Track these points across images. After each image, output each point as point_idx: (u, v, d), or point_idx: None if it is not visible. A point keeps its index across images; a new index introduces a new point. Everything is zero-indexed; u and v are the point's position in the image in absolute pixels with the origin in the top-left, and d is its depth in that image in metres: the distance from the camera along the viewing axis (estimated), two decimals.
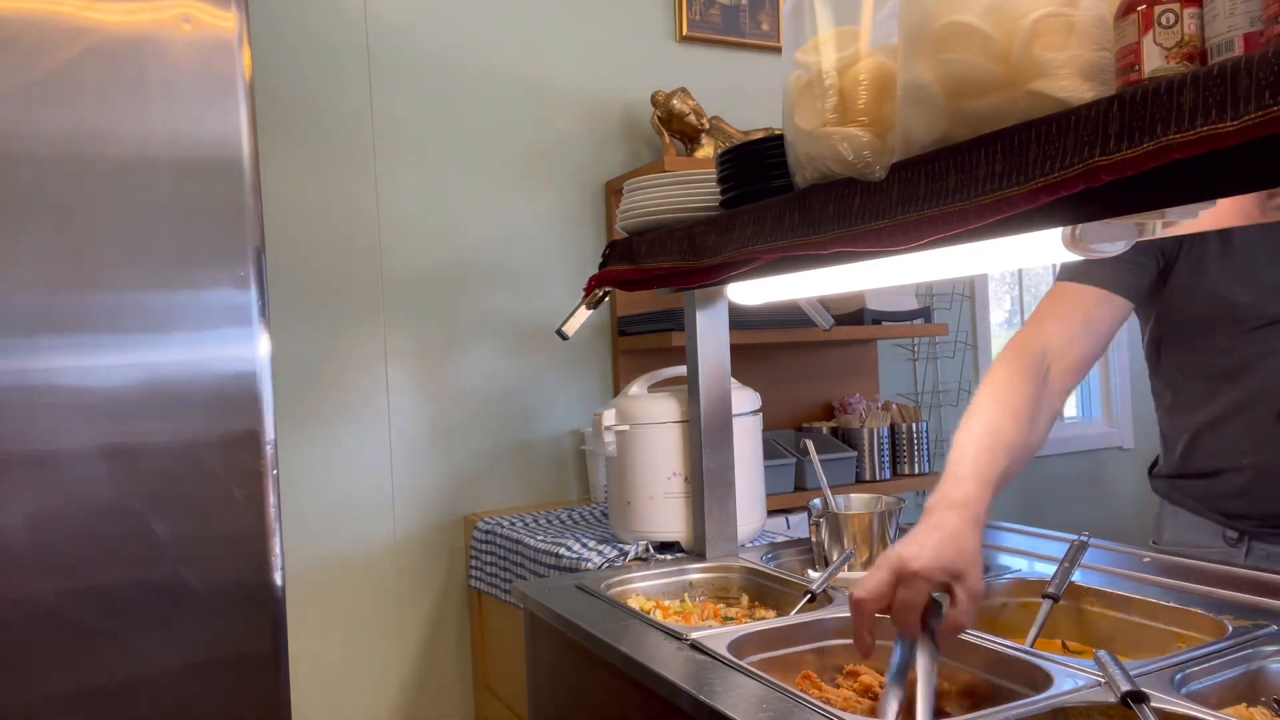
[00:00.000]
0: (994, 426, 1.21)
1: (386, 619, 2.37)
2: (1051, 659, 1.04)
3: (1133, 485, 3.61)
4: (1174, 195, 0.71)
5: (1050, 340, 1.32)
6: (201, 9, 1.28)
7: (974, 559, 1.03)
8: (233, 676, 1.30)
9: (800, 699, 0.98)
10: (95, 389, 1.22)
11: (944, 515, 1.07)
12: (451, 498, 2.44)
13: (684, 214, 1.41)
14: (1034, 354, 1.31)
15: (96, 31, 1.23)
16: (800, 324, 2.47)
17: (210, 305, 1.28)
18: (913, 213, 0.89)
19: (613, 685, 1.25)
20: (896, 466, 2.71)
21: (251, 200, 1.31)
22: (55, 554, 1.20)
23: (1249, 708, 0.98)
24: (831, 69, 0.99)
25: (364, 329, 2.35)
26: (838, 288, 1.37)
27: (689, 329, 1.68)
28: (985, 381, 1.29)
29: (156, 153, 1.26)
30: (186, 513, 1.27)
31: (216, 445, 1.28)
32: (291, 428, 2.22)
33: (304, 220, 2.28)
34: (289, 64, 2.27)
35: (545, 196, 2.56)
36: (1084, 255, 0.91)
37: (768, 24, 2.81)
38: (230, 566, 1.29)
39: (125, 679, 1.24)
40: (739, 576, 1.59)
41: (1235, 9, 0.65)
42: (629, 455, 1.77)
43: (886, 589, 1.01)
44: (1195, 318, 1.40)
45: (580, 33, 2.61)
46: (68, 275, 1.21)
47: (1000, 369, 1.30)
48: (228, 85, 1.29)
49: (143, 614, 1.25)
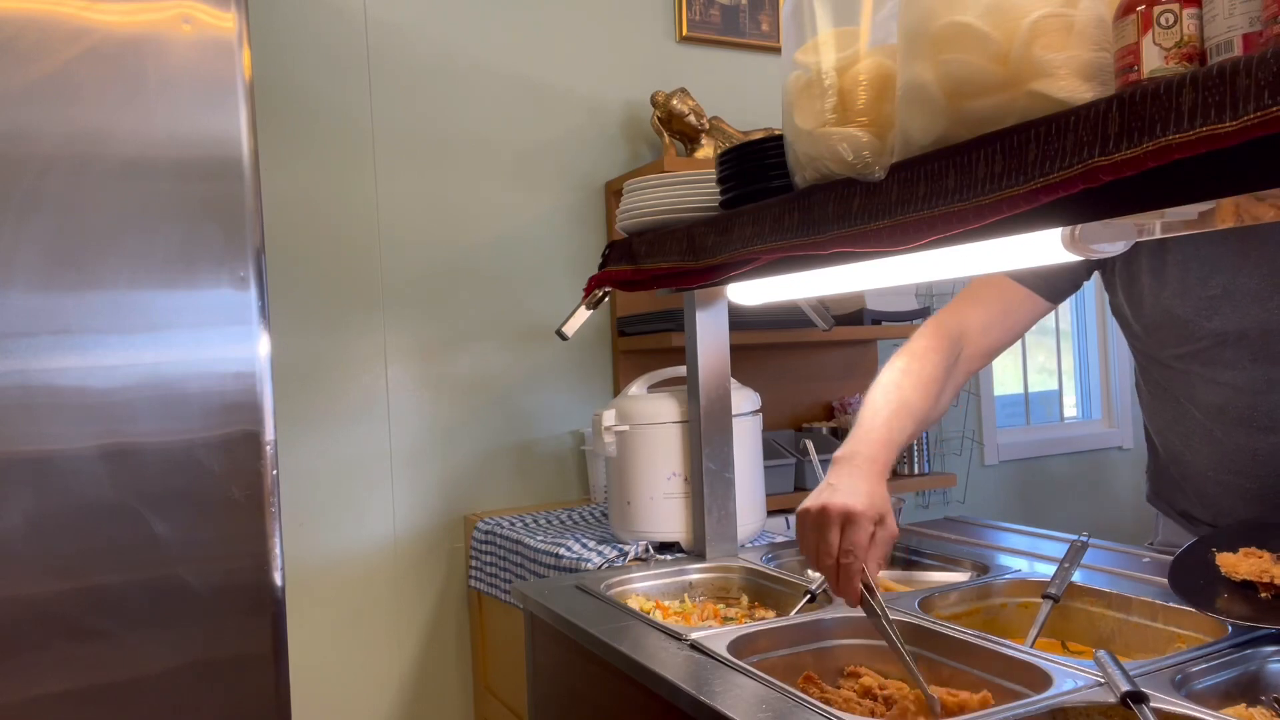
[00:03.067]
0: (905, 396, 1.32)
1: (386, 619, 2.37)
2: (1051, 659, 1.04)
3: (1133, 485, 3.61)
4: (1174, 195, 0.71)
5: (968, 324, 1.41)
6: (201, 9, 1.28)
7: (887, 505, 1.20)
8: (233, 676, 1.30)
9: (800, 699, 0.99)
10: (95, 389, 1.22)
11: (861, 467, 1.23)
12: (451, 498, 2.44)
13: (684, 214, 1.41)
14: (951, 334, 1.40)
15: (96, 32, 1.23)
16: (800, 324, 2.47)
17: (210, 305, 1.28)
18: (912, 213, 0.89)
19: (613, 686, 1.25)
20: (896, 467, 2.70)
21: (251, 200, 1.31)
22: (55, 554, 1.20)
23: (1249, 708, 0.98)
24: (831, 69, 0.99)
25: (364, 329, 2.35)
26: (838, 288, 1.37)
27: (689, 329, 1.68)
28: (903, 351, 1.39)
29: (156, 153, 1.26)
30: (186, 513, 1.27)
31: (216, 445, 1.28)
32: (291, 428, 2.22)
33: (304, 220, 2.28)
34: (289, 64, 2.27)
35: (545, 197, 2.56)
36: (1084, 255, 0.91)
37: (768, 24, 2.81)
38: (230, 566, 1.29)
39: (125, 679, 1.24)
40: (739, 577, 1.59)
41: (1234, 9, 0.65)
42: (629, 455, 1.77)
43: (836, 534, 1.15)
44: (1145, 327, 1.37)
45: (580, 33, 2.61)
46: (68, 275, 1.21)
47: (918, 342, 1.39)
48: (228, 85, 1.29)
49: (143, 614, 1.25)
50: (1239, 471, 1.32)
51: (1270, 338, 1.25)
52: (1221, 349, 1.28)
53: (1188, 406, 1.36)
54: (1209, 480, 1.37)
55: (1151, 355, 1.40)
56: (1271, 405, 1.27)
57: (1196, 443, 1.37)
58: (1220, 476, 1.35)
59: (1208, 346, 1.29)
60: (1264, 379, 1.27)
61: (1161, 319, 1.32)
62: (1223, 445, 1.33)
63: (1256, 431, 1.29)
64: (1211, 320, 1.27)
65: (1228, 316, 1.26)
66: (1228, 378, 1.29)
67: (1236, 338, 1.26)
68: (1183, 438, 1.39)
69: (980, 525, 1.83)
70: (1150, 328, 1.35)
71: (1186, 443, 1.39)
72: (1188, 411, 1.36)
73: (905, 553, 1.59)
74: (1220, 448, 1.33)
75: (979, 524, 1.84)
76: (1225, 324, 1.26)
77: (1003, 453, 3.36)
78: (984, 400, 3.31)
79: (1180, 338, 1.31)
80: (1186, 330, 1.30)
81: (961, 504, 3.22)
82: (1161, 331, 1.34)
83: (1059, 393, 3.83)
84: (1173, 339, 1.33)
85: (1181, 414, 1.38)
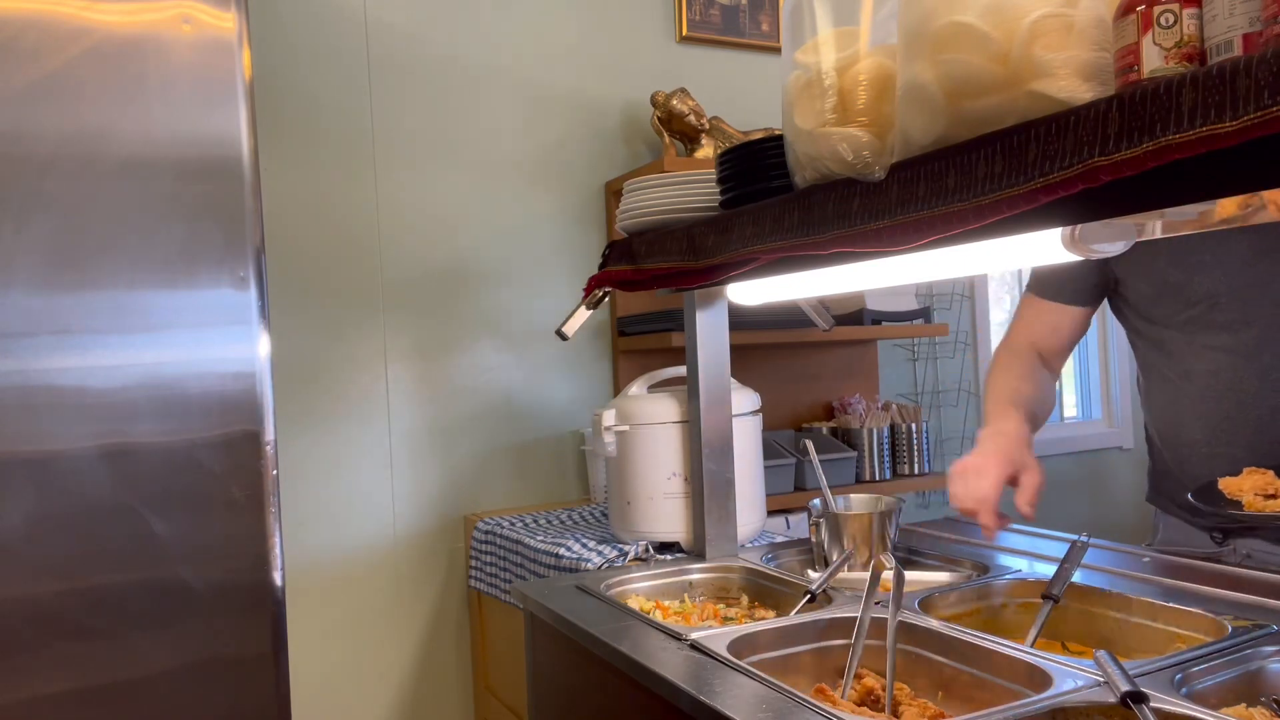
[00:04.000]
0: (1013, 385, 1.53)
1: (386, 619, 2.37)
2: (1051, 659, 1.04)
3: (1133, 485, 3.61)
4: (1173, 195, 0.71)
5: (1032, 338, 1.60)
6: (201, 9, 1.28)
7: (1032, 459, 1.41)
8: (233, 676, 1.29)
9: (800, 699, 0.98)
10: (95, 389, 1.22)
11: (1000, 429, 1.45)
12: (451, 498, 2.44)
13: (684, 214, 1.41)
14: (1023, 346, 1.60)
15: (96, 32, 1.23)
16: (800, 324, 2.47)
17: (210, 305, 1.28)
18: (912, 213, 0.89)
19: (613, 686, 1.25)
20: (896, 467, 2.71)
21: (251, 200, 1.31)
22: (55, 554, 1.20)
23: (1249, 708, 0.98)
24: (831, 69, 0.99)
25: (364, 329, 2.35)
26: (838, 288, 1.37)
27: (689, 329, 1.68)
28: (990, 368, 1.61)
29: (156, 153, 1.26)
30: (186, 513, 1.27)
31: (216, 445, 1.28)
32: (291, 428, 2.22)
33: (304, 220, 2.28)
34: (289, 64, 2.27)
35: (545, 196, 2.56)
36: (1084, 255, 0.91)
37: (768, 24, 2.81)
38: (230, 566, 1.29)
39: (125, 679, 1.24)
40: (739, 577, 1.59)
41: (1234, 9, 0.65)
42: (629, 455, 1.77)
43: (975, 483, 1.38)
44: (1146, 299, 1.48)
45: (580, 33, 2.61)
46: (68, 275, 1.21)
47: (1000, 356, 1.61)
48: (228, 85, 1.29)
49: (143, 614, 1.24)
50: (1231, 441, 1.39)
51: (1258, 297, 1.34)
52: (1214, 311, 1.38)
53: (1182, 384, 1.45)
54: (1203, 457, 1.43)
55: (1152, 335, 1.49)
56: (1262, 368, 1.35)
57: (1190, 418, 1.44)
58: (1214, 450, 1.41)
59: (1202, 312, 1.39)
60: (1254, 341, 1.36)
61: (1160, 289, 1.43)
62: (1214, 414, 1.41)
63: (1247, 398, 1.37)
64: (1203, 282, 1.37)
65: (1217, 279, 1.36)
66: (1220, 341, 1.38)
67: (1228, 298, 1.36)
68: (1177, 416, 1.47)
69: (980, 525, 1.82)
70: (1150, 299, 1.46)
71: (1180, 421, 1.46)
72: (1182, 389, 1.45)
73: (905, 553, 1.59)
74: (1212, 418, 1.41)
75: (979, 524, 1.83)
76: (1215, 285, 1.37)
77: None
78: None
79: (1178, 304, 1.42)
80: (1181, 295, 1.40)
81: None
82: (1162, 302, 1.44)
83: (1059, 393, 3.83)
84: (1171, 307, 1.43)
85: (1177, 394, 1.46)
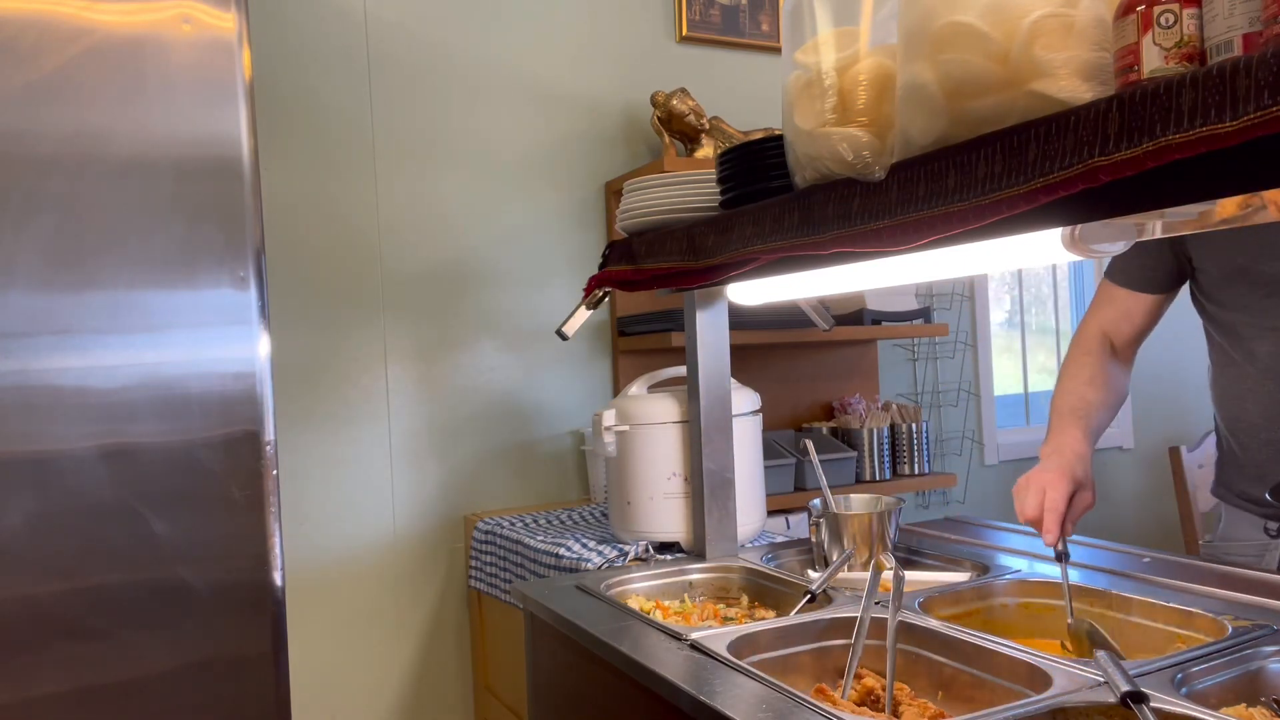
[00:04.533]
0: (1079, 392, 1.55)
1: (386, 619, 2.37)
2: (1051, 659, 1.04)
3: (1133, 485, 3.61)
4: (1173, 195, 0.71)
5: (1103, 325, 1.61)
6: (201, 9, 1.28)
7: (1089, 478, 1.42)
8: (233, 676, 1.30)
9: (800, 699, 0.98)
10: (95, 389, 1.22)
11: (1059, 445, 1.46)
12: (451, 498, 2.44)
13: (684, 214, 1.41)
14: (1094, 336, 1.61)
15: (96, 32, 1.23)
16: (800, 324, 2.47)
17: (210, 305, 1.28)
18: (912, 213, 0.89)
19: (613, 685, 1.25)
20: (896, 467, 2.71)
21: (251, 200, 1.31)
22: (55, 554, 1.20)
23: (1249, 708, 0.98)
24: (831, 69, 0.99)
25: (364, 329, 2.35)
26: (838, 288, 1.37)
27: (689, 329, 1.68)
28: (1063, 365, 1.63)
29: (156, 153, 1.26)
30: (186, 513, 1.27)
31: (216, 445, 1.28)
32: (291, 428, 2.22)
33: (304, 220, 2.28)
34: (289, 64, 2.27)
35: (545, 197, 2.56)
36: (1084, 255, 0.91)
37: (768, 24, 2.81)
38: (230, 566, 1.29)
39: (125, 679, 1.24)
40: (739, 577, 1.59)
41: (1234, 9, 0.65)
42: (629, 455, 1.77)
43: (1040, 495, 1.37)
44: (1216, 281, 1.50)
45: (580, 33, 2.61)
46: (68, 275, 1.21)
47: (1071, 352, 1.62)
48: (228, 85, 1.29)
49: (143, 614, 1.25)
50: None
51: None
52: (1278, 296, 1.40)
53: (1246, 367, 1.48)
54: (1262, 443, 1.47)
55: (1222, 319, 1.51)
56: None
57: (1251, 402, 1.47)
58: (1273, 435, 1.45)
59: (1270, 294, 1.42)
60: None
61: (1229, 271, 1.46)
62: (1276, 396, 1.44)
63: None
64: (1270, 265, 1.39)
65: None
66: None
67: None
68: (1239, 398, 1.50)
69: (980, 525, 1.83)
70: (1219, 282, 1.48)
71: (1242, 403, 1.49)
72: (1245, 372, 1.48)
73: (905, 553, 1.59)
74: (1273, 400, 1.44)
75: (979, 524, 1.84)
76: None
77: (1003, 453, 3.36)
78: (984, 400, 3.30)
79: (1244, 287, 1.45)
80: (1247, 278, 1.43)
81: (961, 504, 3.22)
82: (1231, 285, 1.47)
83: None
84: (1239, 289, 1.46)
85: (1240, 375, 1.49)
